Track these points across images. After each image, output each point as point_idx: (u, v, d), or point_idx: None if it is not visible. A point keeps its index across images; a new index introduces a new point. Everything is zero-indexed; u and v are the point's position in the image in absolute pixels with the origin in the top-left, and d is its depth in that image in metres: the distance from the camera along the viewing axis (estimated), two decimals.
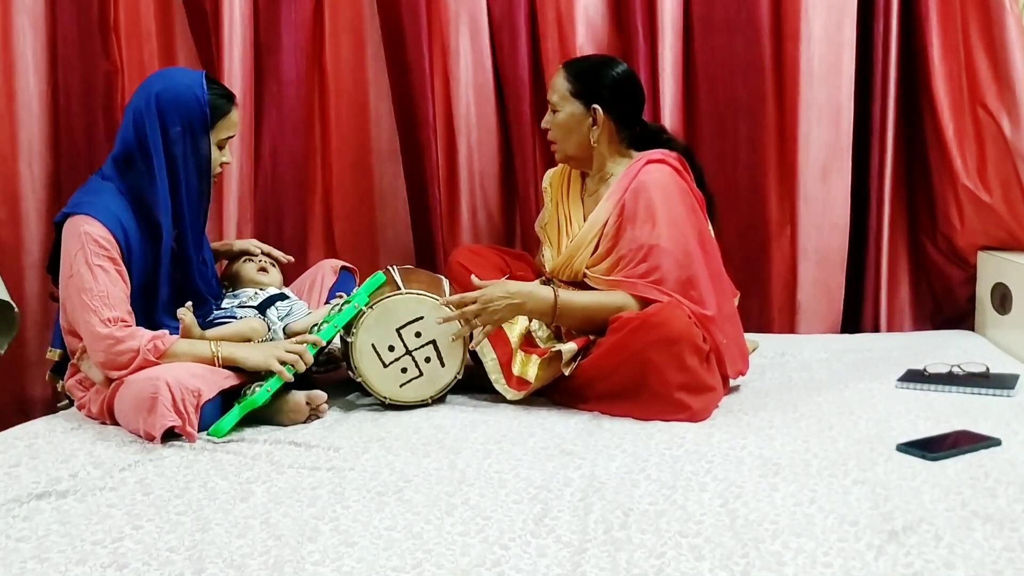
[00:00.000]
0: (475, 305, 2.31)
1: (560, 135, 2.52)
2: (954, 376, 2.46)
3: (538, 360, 2.35)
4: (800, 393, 2.42)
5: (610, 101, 2.48)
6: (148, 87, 2.33)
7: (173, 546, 1.59)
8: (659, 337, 2.22)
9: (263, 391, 2.20)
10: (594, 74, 2.49)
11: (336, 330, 2.35)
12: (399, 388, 2.36)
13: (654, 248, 2.34)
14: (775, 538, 1.57)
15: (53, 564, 1.53)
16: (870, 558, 1.50)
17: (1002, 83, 2.91)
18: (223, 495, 1.81)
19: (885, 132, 3.08)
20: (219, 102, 2.34)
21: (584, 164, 2.56)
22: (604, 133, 2.49)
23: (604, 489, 1.79)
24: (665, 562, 1.50)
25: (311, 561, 1.53)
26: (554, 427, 2.19)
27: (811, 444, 2.02)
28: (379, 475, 1.90)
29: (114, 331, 2.18)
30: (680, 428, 2.15)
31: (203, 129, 2.31)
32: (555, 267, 2.57)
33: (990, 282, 2.98)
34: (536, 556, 1.54)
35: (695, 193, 2.47)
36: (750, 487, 1.78)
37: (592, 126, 2.48)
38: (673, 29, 3.04)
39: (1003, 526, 1.59)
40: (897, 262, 3.19)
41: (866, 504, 1.69)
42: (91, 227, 2.23)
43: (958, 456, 1.91)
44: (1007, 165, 2.93)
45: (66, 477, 1.91)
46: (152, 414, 2.09)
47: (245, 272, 2.60)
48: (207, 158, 2.34)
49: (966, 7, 2.94)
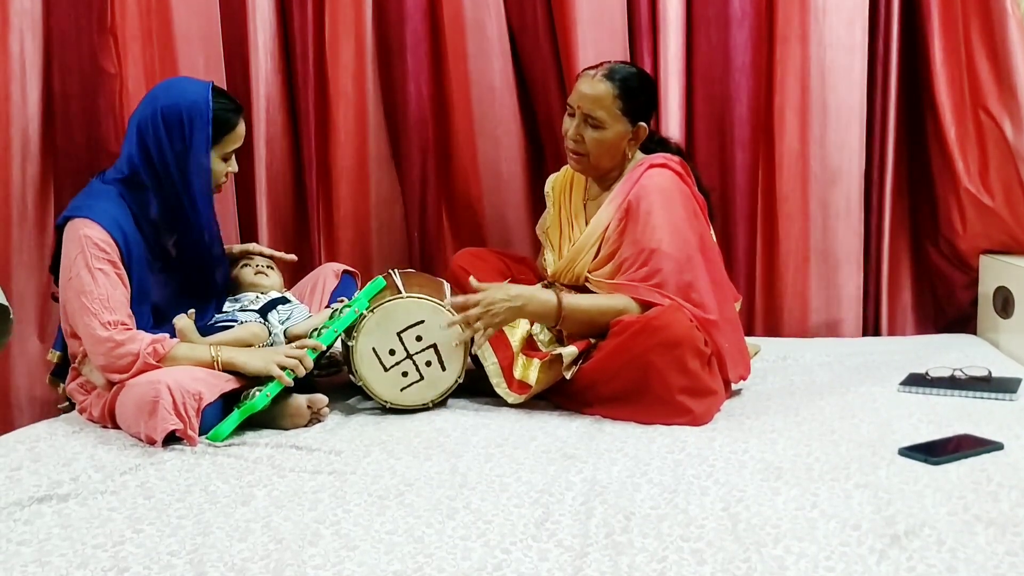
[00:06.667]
0: (477, 308, 2.31)
1: (599, 150, 2.43)
2: (956, 380, 2.45)
3: (539, 363, 2.35)
4: (802, 397, 2.41)
5: (649, 116, 2.48)
6: (154, 100, 2.33)
7: (174, 550, 1.59)
8: (661, 341, 2.22)
9: (263, 395, 2.20)
10: (643, 91, 2.45)
11: (337, 334, 2.35)
12: (400, 392, 2.36)
13: (655, 252, 2.34)
14: (777, 542, 1.57)
15: (54, 568, 1.53)
16: (872, 562, 1.49)
17: (1004, 86, 2.91)
18: (224, 499, 1.81)
19: (887, 135, 3.08)
20: (225, 116, 2.33)
21: (609, 174, 2.52)
22: (636, 145, 2.48)
23: (606, 493, 1.79)
24: (667, 566, 1.50)
25: (312, 565, 1.53)
26: (555, 431, 2.19)
27: (813, 448, 2.02)
28: (380, 479, 1.90)
29: (114, 334, 2.18)
30: (682, 432, 2.15)
31: (207, 145, 2.30)
32: (557, 271, 2.57)
33: (992, 286, 2.98)
34: (537, 560, 1.53)
35: (696, 197, 2.47)
36: (752, 491, 1.78)
37: (631, 141, 2.47)
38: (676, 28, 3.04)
39: (1005, 530, 1.58)
40: (899, 266, 3.19)
41: (868, 508, 1.68)
42: (91, 230, 2.23)
43: (960, 460, 1.91)
44: (1009, 168, 2.93)
45: (67, 481, 1.91)
46: (153, 418, 2.09)
47: (243, 276, 2.60)
48: (210, 171, 2.33)
49: (967, 10, 2.93)
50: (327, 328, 2.35)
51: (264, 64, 3.07)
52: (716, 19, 3.04)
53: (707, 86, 3.08)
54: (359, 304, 2.37)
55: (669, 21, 3.03)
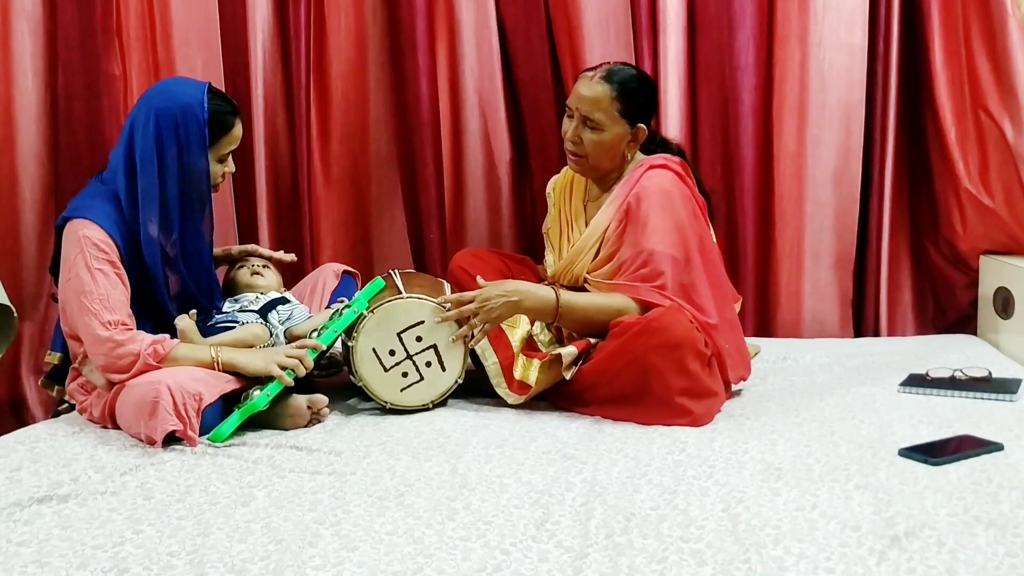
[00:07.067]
0: (473, 304, 2.30)
1: (598, 152, 2.43)
2: (956, 381, 2.45)
3: (539, 364, 2.35)
4: (802, 398, 2.41)
5: (649, 118, 2.47)
6: (148, 101, 2.32)
7: (174, 550, 1.59)
8: (661, 342, 2.22)
9: (263, 396, 2.20)
10: (642, 93, 2.44)
11: (337, 334, 2.35)
12: (400, 393, 2.36)
13: (655, 253, 2.34)
14: (777, 543, 1.57)
15: (54, 568, 1.53)
16: (872, 563, 1.49)
17: (1004, 87, 2.91)
18: (224, 499, 1.81)
19: (887, 136, 3.08)
20: (221, 118, 2.31)
21: (608, 176, 2.52)
22: (636, 147, 2.48)
23: (606, 494, 1.79)
24: (667, 567, 1.50)
25: (312, 566, 1.53)
26: (556, 431, 2.19)
27: (813, 449, 2.02)
28: (380, 479, 1.89)
29: (115, 334, 2.18)
30: (682, 433, 2.15)
31: (201, 147, 2.28)
32: (556, 271, 2.56)
33: (992, 286, 2.98)
34: (538, 561, 1.53)
35: (697, 198, 2.47)
36: (752, 492, 1.78)
37: (630, 142, 2.46)
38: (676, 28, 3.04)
39: (1005, 531, 1.58)
40: (899, 266, 3.18)
41: (868, 509, 1.68)
42: (90, 231, 2.23)
43: (960, 461, 1.91)
44: (1009, 169, 2.93)
45: (67, 481, 1.91)
46: (153, 418, 2.09)
47: (240, 278, 2.60)
48: (205, 173, 2.31)
49: (968, 11, 2.93)
50: (327, 328, 2.35)
51: (262, 64, 3.06)
52: (717, 20, 3.04)
53: (708, 87, 3.08)
54: (359, 304, 2.37)
55: (670, 22, 3.03)
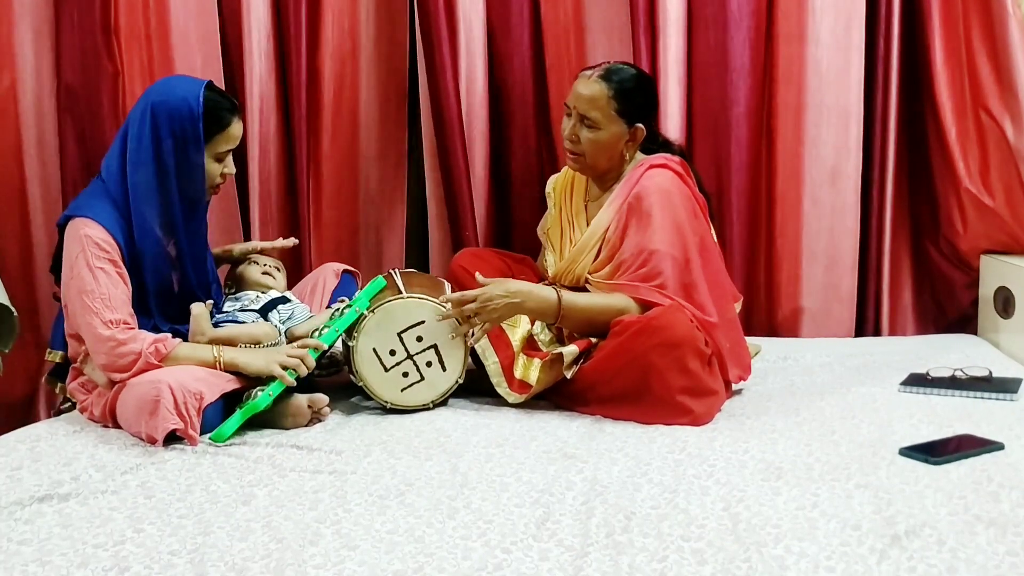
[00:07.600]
0: (474, 304, 2.30)
1: (595, 151, 2.43)
2: (957, 380, 2.45)
3: (540, 363, 2.35)
4: (802, 397, 2.41)
5: (647, 118, 2.47)
6: (147, 96, 2.32)
7: (175, 549, 1.59)
8: (661, 341, 2.22)
9: (265, 395, 2.20)
10: (640, 92, 2.44)
11: (338, 334, 2.35)
12: (400, 393, 2.36)
13: (655, 253, 2.34)
14: (777, 542, 1.57)
15: (54, 567, 1.53)
16: (873, 562, 1.49)
17: (1004, 86, 2.91)
18: (225, 498, 1.81)
19: (887, 136, 3.08)
20: (217, 114, 2.29)
21: (607, 175, 2.52)
22: (635, 146, 2.48)
23: (606, 493, 1.79)
24: (667, 566, 1.50)
25: (312, 565, 1.53)
26: (556, 431, 2.19)
27: (813, 448, 2.02)
28: (381, 479, 1.90)
29: (116, 333, 2.19)
30: (682, 432, 2.15)
31: (196, 144, 2.27)
32: (557, 272, 2.56)
33: (993, 286, 2.98)
34: (538, 560, 1.53)
35: (697, 198, 2.47)
36: (752, 491, 1.78)
37: (628, 142, 2.46)
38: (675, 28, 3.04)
39: (1006, 530, 1.58)
40: (900, 266, 3.18)
41: (869, 508, 1.68)
42: (92, 230, 2.23)
43: (961, 460, 1.91)
44: (1010, 169, 2.93)
45: (68, 480, 1.91)
46: (154, 417, 2.09)
47: (249, 275, 2.59)
48: (201, 171, 2.30)
49: (968, 10, 2.94)
50: (328, 328, 2.35)
51: (259, 64, 3.06)
52: (715, 19, 3.03)
53: (706, 87, 3.08)
54: (360, 304, 2.37)
55: (669, 22, 3.02)
